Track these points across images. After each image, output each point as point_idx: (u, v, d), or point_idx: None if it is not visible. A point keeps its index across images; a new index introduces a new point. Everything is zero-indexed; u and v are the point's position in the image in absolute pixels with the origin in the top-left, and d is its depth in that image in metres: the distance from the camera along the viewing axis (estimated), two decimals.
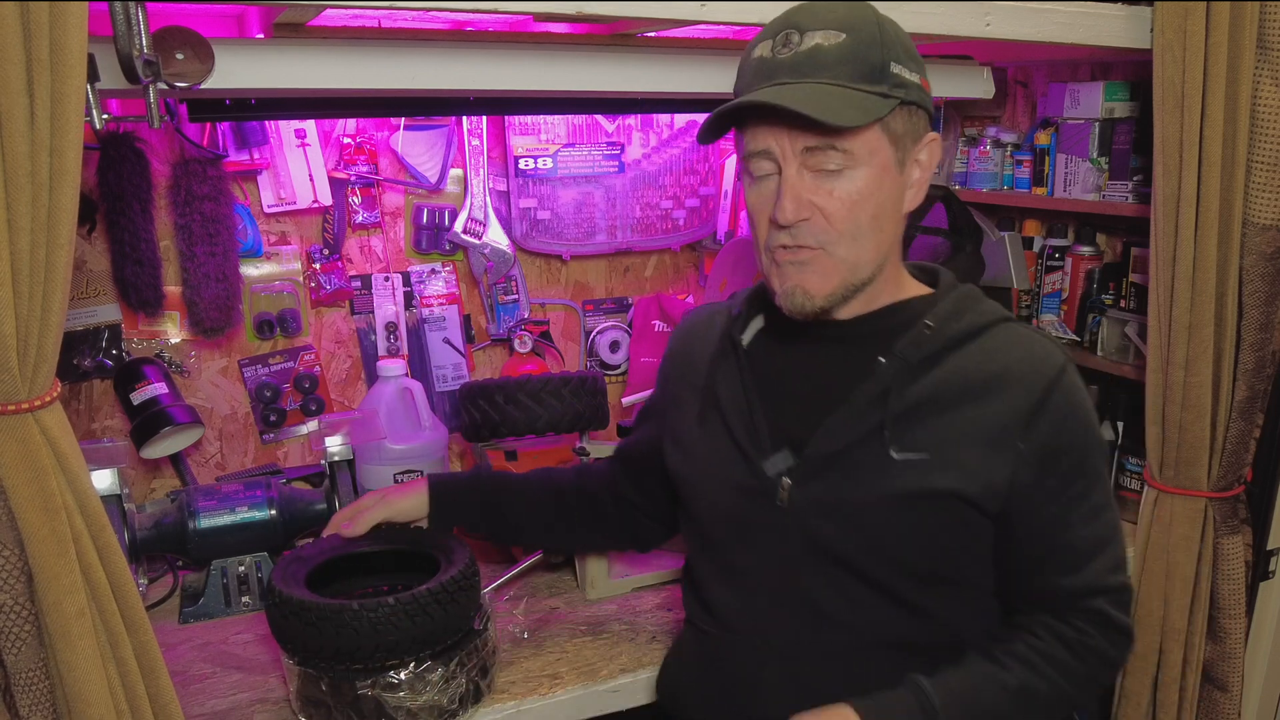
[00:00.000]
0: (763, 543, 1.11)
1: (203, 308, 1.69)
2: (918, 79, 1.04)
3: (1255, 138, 1.47)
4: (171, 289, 1.72)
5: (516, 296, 2.03)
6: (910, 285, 1.14)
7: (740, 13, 1.23)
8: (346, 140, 1.83)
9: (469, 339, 2.03)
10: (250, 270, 1.80)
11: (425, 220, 1.93)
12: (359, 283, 1.90)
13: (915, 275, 1.17)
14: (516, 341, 2.02)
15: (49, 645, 0.94)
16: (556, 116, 1.95)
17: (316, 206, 1.82)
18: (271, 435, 1.87)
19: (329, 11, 1.17)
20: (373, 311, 1.92)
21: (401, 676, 1.17)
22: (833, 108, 0.96)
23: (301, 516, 1.62)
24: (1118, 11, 1.54)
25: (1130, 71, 1.89)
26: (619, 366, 2.19)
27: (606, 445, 1.80)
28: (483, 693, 1.27)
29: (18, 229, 0.85)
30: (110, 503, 1.43)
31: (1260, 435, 1.65)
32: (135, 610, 0.99)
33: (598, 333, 2.15)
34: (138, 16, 0.98)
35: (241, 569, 1.56)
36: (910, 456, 1.04)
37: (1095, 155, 1.87)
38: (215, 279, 1.68)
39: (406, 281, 1.94)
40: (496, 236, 1.95)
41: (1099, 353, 1.89)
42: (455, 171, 1.93)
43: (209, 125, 1.68)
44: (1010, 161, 2.05)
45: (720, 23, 1.25)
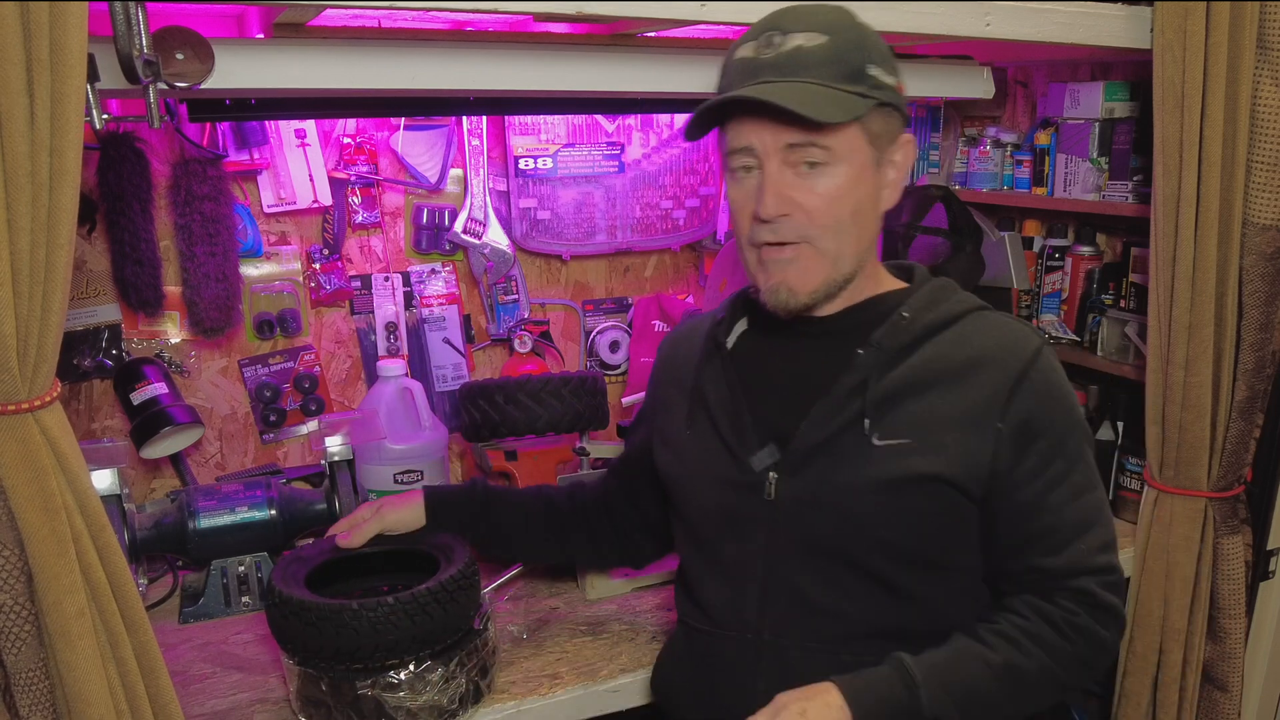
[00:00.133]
0: (752, 537, 1.13)
1: (203, 308, 1.69)
2: (893, 81, 1.07)
3: (1255, 138, 1.47)
4: (171, 289, 1.72)
5: (516, 296, 2.03)
6: (887, 281, 1.18)
7: (740, 13, 1.23)
8: (346, 140, 1.83)
9: (469, 339, 2.03)
10: (250, 270, 1.80)
11: (425, 220, 1.93)
12: (359, 283, 1.90)
13: (892, 273, 1.20)
14: (516, 341, 2.02)
15: (49, 645, 0.94)
16: (556, 116, 1.95)
17: (316, 206, 1.82)
18: (271, 435, 1.87)
19: (329, 11, 1.17)
20: (373, 311, 1.92)
21: (401, 676, 1.17)
22: (816, 104, 0.99)
23: (301, 516, 1.62)
24: (1118, 11, 1.54)
25: (1130, 71, 1.89)
26: (619, 366, 2.19)
27: (606, 445, 1.80)
28: (483, 693, 1.27)
29: (18, 229, 0.85)
30: (110, 503, 1.43)
31: (1260, 435, 1.65)
32: (135, 610, 0.99)
33: (598, 333, 2.15)
34: (138, 16, 0.98)
35: (241, 569, 1.56)
36: (892, 442, 1.06)
37: (1095, 155, 1.87)
38: (215, 279, 1.68)
39: (406, 281, 1.94)
40: (496, 236, 1.95)
41: (1099, 353, 1.89)
42: (455, 171, 1.93)
43: (209, 125, 1.68)
44: (1010, 161, 2.05)
45: (720, 23, 1.25)
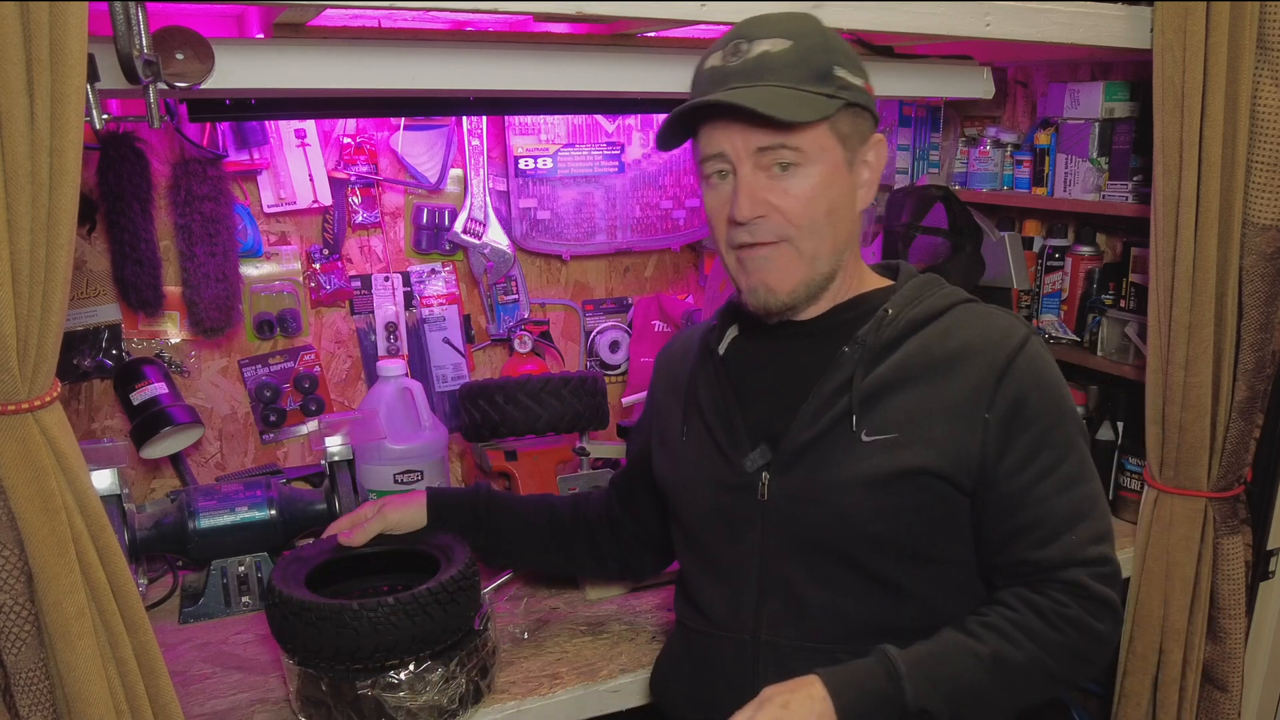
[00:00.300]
0: (747, 537, 1.14)
1: (203, 308, 1.69)
2: (861, 82, 1.08)
3: (1255, 138, 1.47)
4: (171, 289, 1.72)
5: (516, 296, 2.03)
6: (871, 279, 1.18)
7: (740, 13, 1.22)
8: (346, 140, 1.83)
9: (469, 339, 2.03)
10: (250, 270, 1.80)
11: (425, 220, 1.93)
12: (359, 283, 1.90)
13: (879, 272, 1.21)
14: (516, 341, 2.02)
15: (49, 645, 0.94)
16: (556, 116, 1.95)
17: (316, 206, 1.82)
18: (271, 435, 1.87)
19: (329, 11, 1.17)
20: (373, 311, 1.92)
21: (401, 676, 1.17)
22: (784, 105, 1.01)
23: (301, 516, 1.62)
24: (1118, 11, 1.54)
25: (1130, 71, 1.89)
26: (619, 366, 2.19)
27: (606, 445, 1.81)
28: (483, 693, 1.27)
29: (18, 229, 0.85)
30: (110, 503, 1.43)
31: (1260, 435, 1.65)
32: (135, 610, 0.99)
33: (598, 333, 2.15)
34: (138, 16, 0.98)
35: (241, 569, 1.56)
36: (879, 437, 1.06)
37: (1095, 155, 1.87)
38: (215, 279, 1.68)
39: (406, 281, 1.94)
40: (496, 236, 1.95)
41: (1099, 353, 1.89)
42: (455, 171, 1.93)
43: (209, 125, 1.68)
44: (1010, 161, 2.05)
45: (720, 23, 1.25)
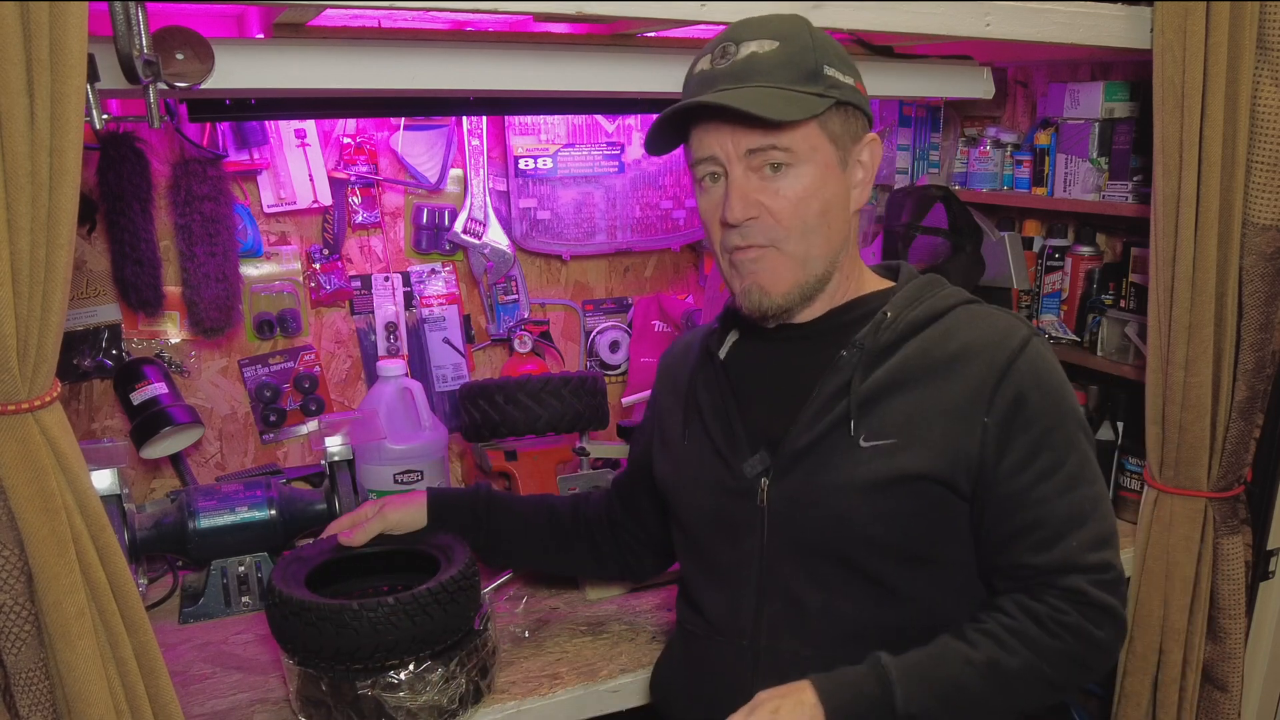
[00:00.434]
0: (746, 542, 1.13)
1: (203, 308, 1.69)
2: (852, 82, 1.07)
3: (1255, 138, 1.47)
4: (171, 289, 1.72)
5: (516, 296, 2.03)
6: (871, 281, 1.17)
7: (740, 13, 1.22)
8: (346, 140, 1.83)
9: (469, 339, 2.03)
10: (250, 270, 1.80)
11: (425, 220, 1.93)
12: (359, 283, 1.90)
13: (880, 273, 1.20)
14: (516, 341, 2.02)
15: (49, 645, 0.94)
16: (556, 116, 1.95)
17: (316, 206, 1.82)
18: (271, 435, 1.87)
19: (329, 11, 1.17)
20: (373, 311, 1.92)
21: (401, 676, 1.17)
22: (771, 105, 1.00)
23: (301, 516, 1.62)
24: (1118, 11, 1.54)
25: (1130, 71, 1.89)
26: (619, 366, 2.19)
27: (606, 445, 1.81)
28: (483, 693, 1.27)
29: (18, 229, 0.85)
30: (110, 503, 1.43)
31: (1260, 435, 1.65)
32: (135, 610, 0.99)
33: (598, 333, 2.15)
34: (138, 16, 0.98)
35: (241, 569, 1.56)
36: (878, 442, 1.05)
37: (1095, 155, 1.87)
38: (215, 279, 1.68)
39: (406, 281, 1.94)
40: (496, 236, 1.95)
41: (1099, 353, 1.89)
42: (455, 171, 1.93)
43: (209, 125, 1.68)
44: (1010, 161, 2.05)
45: (720, 23, 1.25)
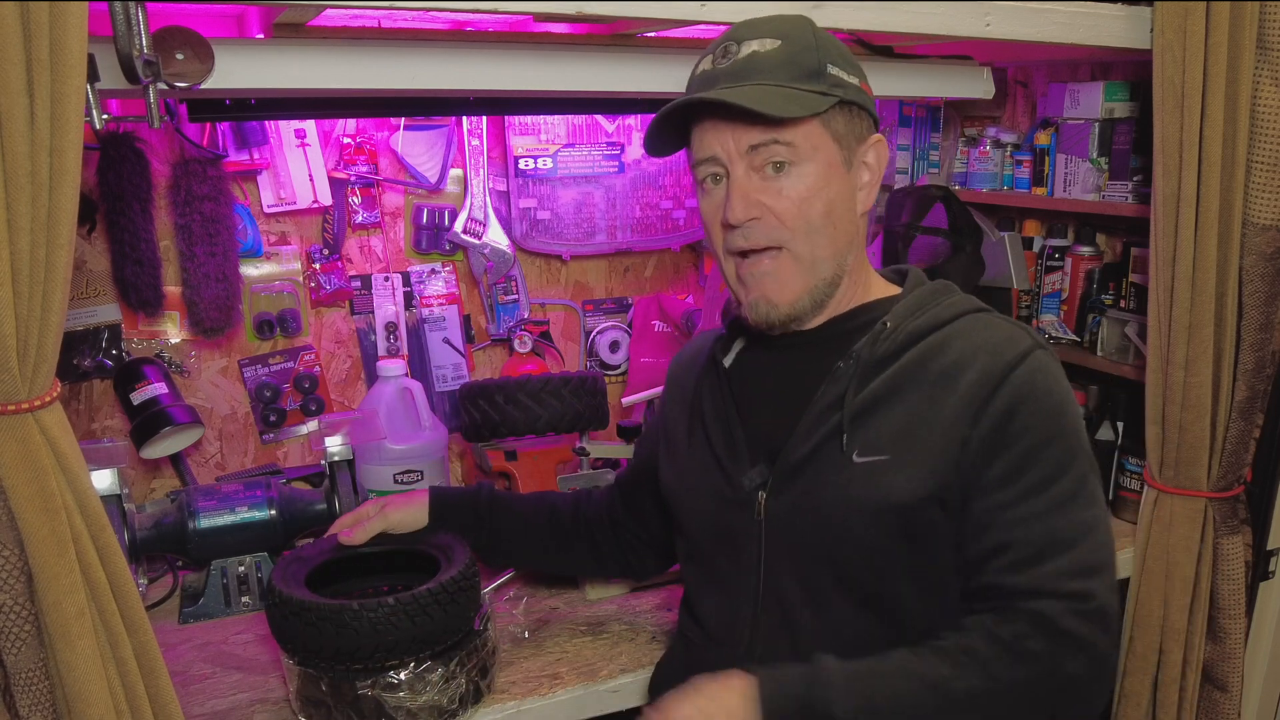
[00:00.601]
0: (744, 553, 1.12)
1: (203, 308, 1.69)
2: (856, 81, 1.05)
3: (1255, 138, 1.47)
4: (171, 289, 1.72)
5: (516, 296, 2.03)
6: (878, 287, 1.14)
7: (740, 13, 1.22)
8: (346, 140, 1.83)
9: (469, 339, 2.03)
10: (250, 270, 1.80)
11: (425, 220, 1.93)
12: (359, 283, 1.90)
13: (889, 278, 1.16)
14: (516, 341, 2.02)
15: (49, 645, 0.94)
16: (556, 116, 1.95)
17: (316, 206, 1.82)
18: (271, 435, 1.87)
19: (329, 11, 1.17)
20: (373, 311, 1.92)
21: (401, 676, 1.17)
22: (770, 102, 0.98)
23: (301, 516, 1.62)
24: (1118, 11, 1.54)
25: (1130, 71, 1.89)
26: (619, 366, 2.19)
27: (606, 445, 1.81)
28: (483, 693, 1.27)
29: (18, 229, 0.85)
30: (110, 503, 1.43)
31: (1260, 435, 1.65)
32: (135, 610, 0.99)
33: (598, 333, 2.15)
34: (138, 16, 0.98)
35: (241, 569, 1.56)
36: (872, 458, 1.02)
37: (1095, 155, 1.87)
38: (215, 279, 1.68)
39: (406, 281, 1.94)
40: (496, 236, 1.95)
41: (1099, 353, 1.89)
42: (455, 171, 1.93)
43: (209, 125, 1.68)
44: (1010, 161, 2.05)
45: (720, 23, 1.25)
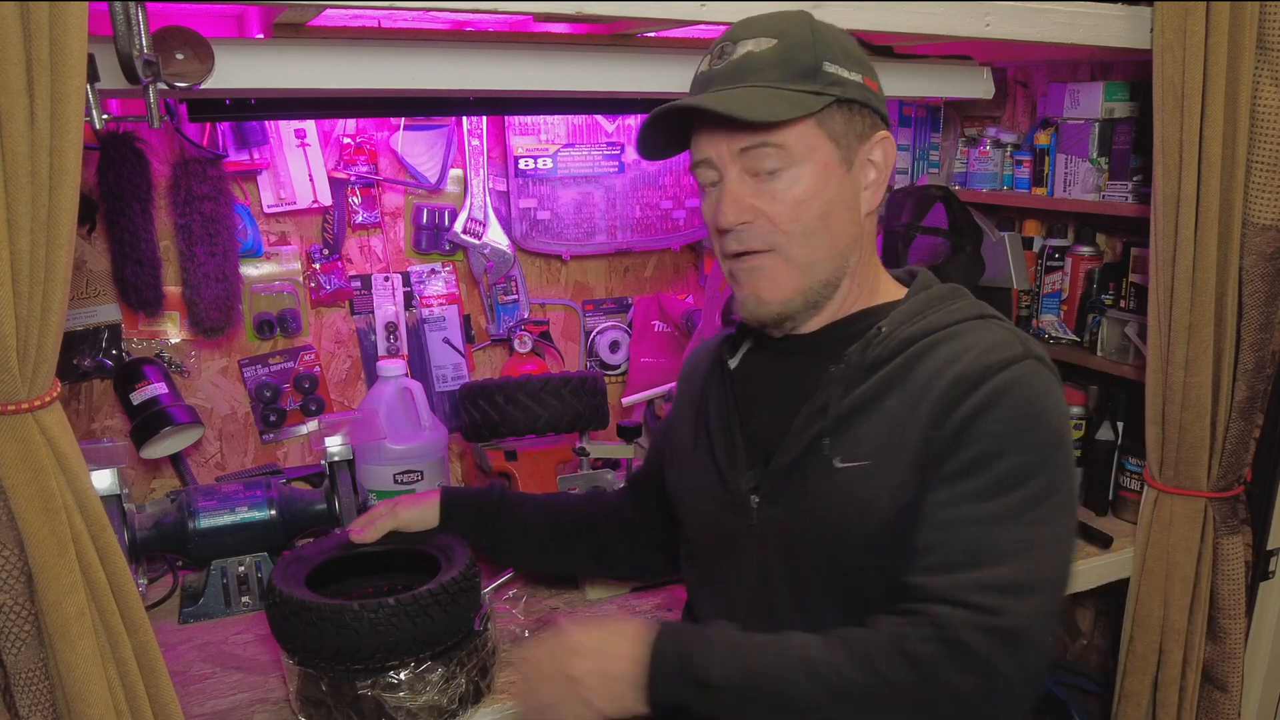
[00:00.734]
0: (740, 557, 1.12)
1: (203, 308, 1.69)
2: (859, 78, 1.02)
3: (1255, 138, 1.47)
4: (171, 289, 1.72)
5: (516, 296, 2.03)
6: (886, 290, 1.11)
7: (740, 13, 1.22)
8: (346, 140, 1.83)
9: (469, 339, 2.03)
10: (250, 270, 1.80)
11: (425, 220, 1.93)
12: (359, 283, 1.90)
13: (904, 280, 1.13)
14: (516, 341, 2.02)
15: (49, 645, 0.94)
16: (556, 116, 1.95)
17: (316, 206, 1.82)
18: (271, 435, 1.87)
19: (329, 11, 1.17)
20: (373, 311, 1.92)
21: (401, 677, 1.17)
22: (756, 105, 0.96)
23: (301, 516, 1.62)
24: (1118, 11, 1.54)
25: (1130, 71, 1.89)
26: (619, 366, 2.19)
27: (606, 445, 1.80)
28: (483, 693, 1.27)
29: (18, 229, 0.85)
30: (110, 503, 1.43)
31: (1260, 435, 1.65)
32: (135, 610, 0.99)
33: (598, 333, 2.15)
34: (138, 16, 0.98)
35: (241, 569, 1.56)
36: (852, 465, 1.00)
37: (1095, 155, 1.87)
38: (215, 279, 1.68)
39: (406, 281, 1.94)
40: (496, 236, 1.95)
41: (1099, 353, 1.89)
42: (455, 171, 1.93)
43: (209, 125, 1.68)
44: (1010, 161, 2.05)
45: (720, 23, 1.25)
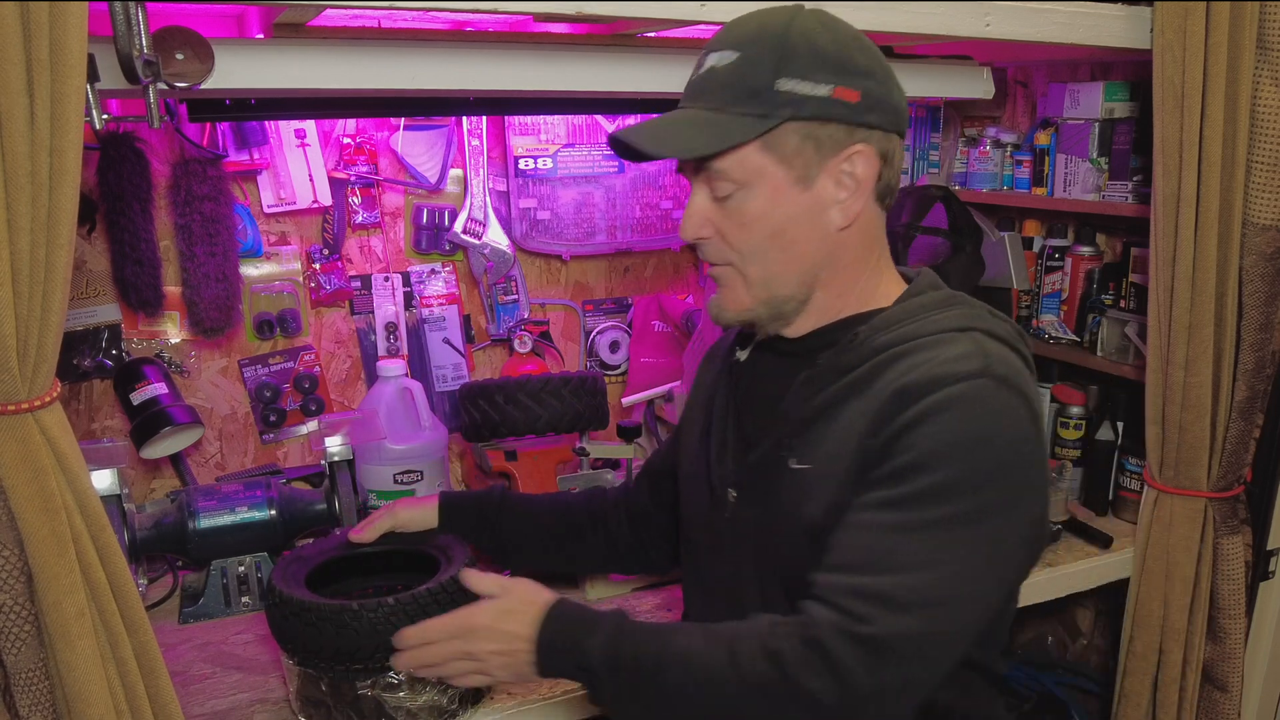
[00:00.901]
0: (719, 551, 1.13)
1: (203, 308, 1.69)
2: (828, 90, 0.94)
3: (1255, 138, 1.47)
4: (171, 289, 1.72)
5: (516, 296, 2.03)
6: (885, 295, 1.07)
7: (739, 13, 1.22)
8: (346, 140, 1.83)
9: (469, 339, 2.03)
10: (250, 270, 1.80)
11: (425, 220, 1.93)
12: (359, 283, 1.90)
13: (911, 281, 1.11)
14: (516, 341, 2.02)
15: (49, 645, 0.94)
16: (556, 116, 1.95)
17: (316, 206, 1.82)
18: (271, 435, 1.87)
19: (329, 11, 1.17)
20: (373, 311, 1.92)
21: (401, 676, 1.17)
22: (684, 137, 0.97)
23: (301, 516, 1.62)
24: (1118, 11, 1.54)
25: (1130, 71, 1.89)
26: (619, 366, 2.18)
27: (606, 445, 1.80)
28: (483, 693, 1.27)
29: (18, 229, 0.85)
30: (110, 503, 1.43)
31: (1260, 435, 1.65)
32: (135, 610, 0.99)
33: (598, 333, 2.15)
34: (138, 16, 0.98)
35: (241, 569, 1.56)
36: (803, 467, 1.01)
37: (1095, 155, 1.87)
38: (215, 279, 1.68)
39: (406, 281, 1.94)
40: (496, 236, 1.95)
41: (1099, 353, 1.89)
42: (455, 171, 1.93)
43: (209, 125, 1.68)
44: (1010, 161, 2.05)
45: (720, 23, 1.24)
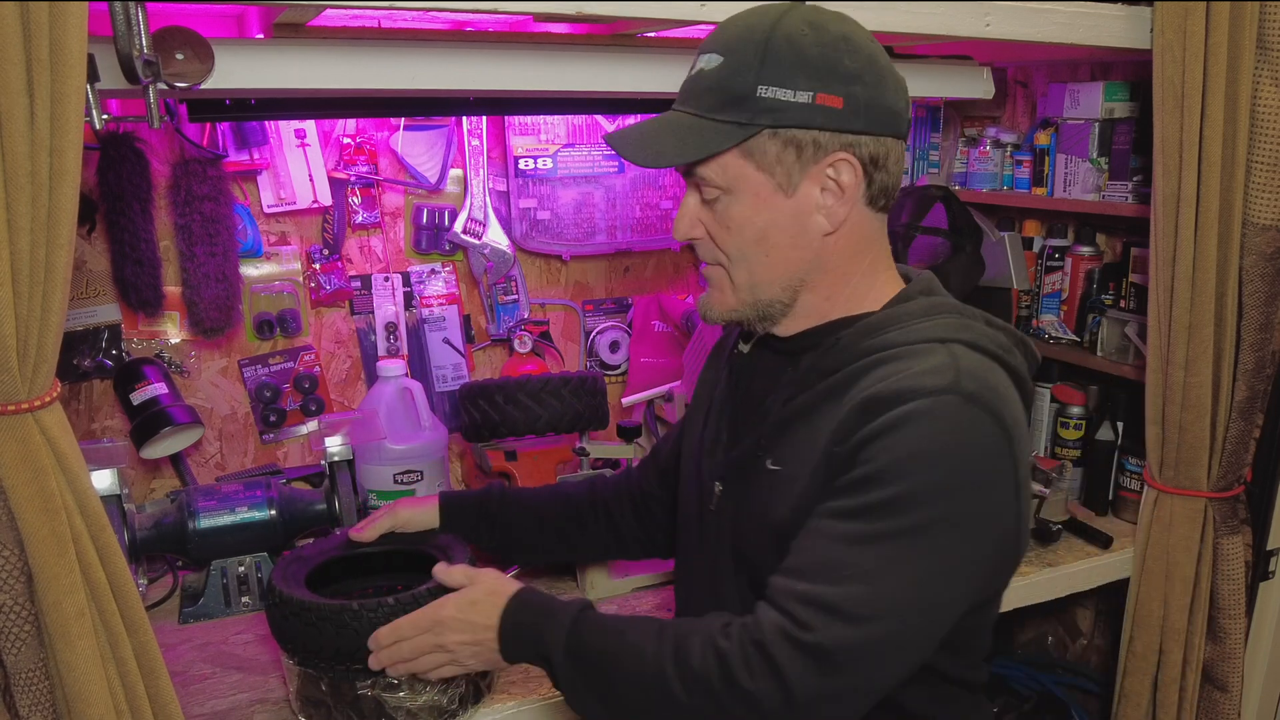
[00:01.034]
0: (705, 544, 1.13)
1: (203, 308, 1.69)
2: (809, 97, 0.93)
3: (1255, 138, 1.47)
4: (171, 289, 1.72)
5: (516, 296, 2.03)
6: (878, 299, 1.06)
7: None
8: (346, 140, 1.83)
9: (469, 339, 2.03)
10: (250, 270, 1.80)
11: (425, 220, 1.93)
12: (359, 283, 1.90)
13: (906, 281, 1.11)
14: (516, 341, 2.02)
15: (49, 645, 0.94)
16: (556, 116, 1.95)
17: (316, 206, 1.82)
18: (271, 435, 1.87)
19: (329, 11, 1.17)
20: (373, 311, 1.92)
21: (401, 676, 1.17)
22: (661, 145, 0.98)
23: (301, 517, 1.62)
24: (1118, 11, 1.54)
25: (1130, 71, 1.89)
26: (619, 367, 2.19)
27: (606, 445, 1.80)
28: (483, 693, 1.27)
29: (18, 229, 0.85)
30: (110, 503, 1.43)
31: (1260, 435, 1.65)
32: (135, 610, 0.99)
33: (598, 333, 2.15)
34: (138, 16, 0.98)
35: (241, 569, 1.56)
36: (777, 469, 1.02)
37: (1095, 155, 1.87)
38: (215, 279, 1.68)
39: (406, 281, 1.94)
40: (496, 236, 1.95)
41: (1099, 353, 1.89)
42: (455, 171, 1.93)
43: (209, 125, 1.68)
44: (1010, 161, 2.05)
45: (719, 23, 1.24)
